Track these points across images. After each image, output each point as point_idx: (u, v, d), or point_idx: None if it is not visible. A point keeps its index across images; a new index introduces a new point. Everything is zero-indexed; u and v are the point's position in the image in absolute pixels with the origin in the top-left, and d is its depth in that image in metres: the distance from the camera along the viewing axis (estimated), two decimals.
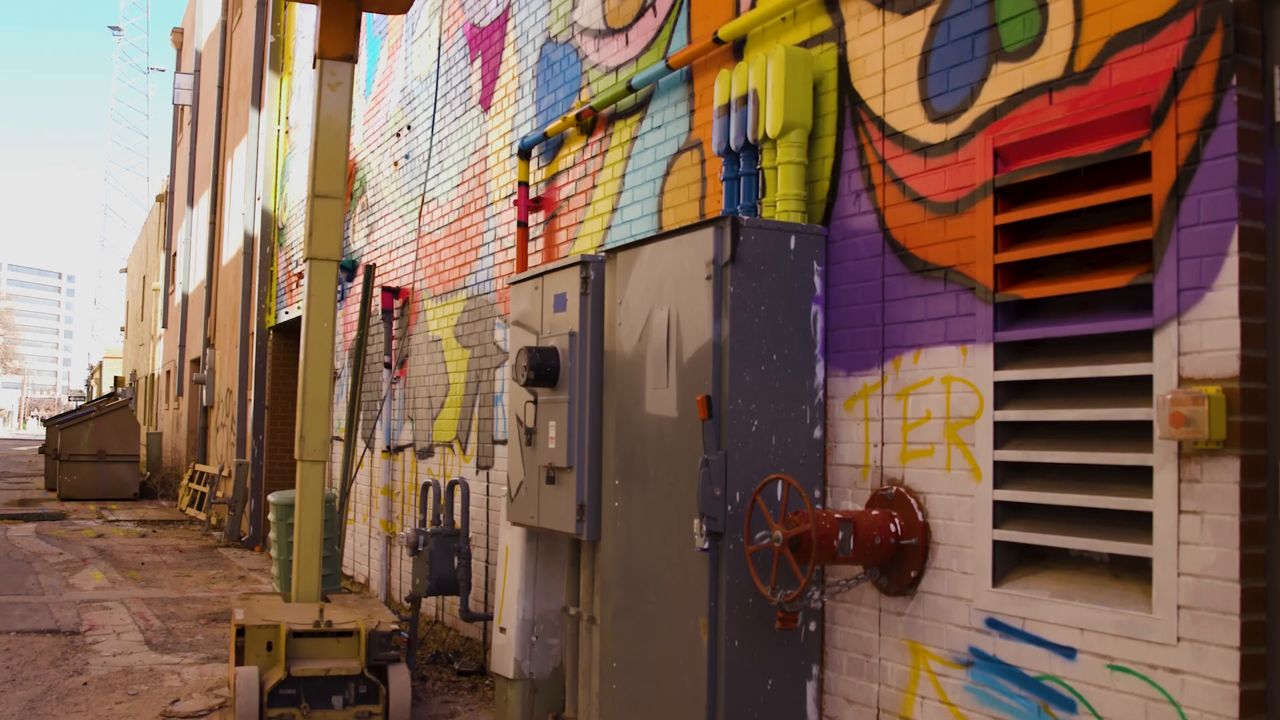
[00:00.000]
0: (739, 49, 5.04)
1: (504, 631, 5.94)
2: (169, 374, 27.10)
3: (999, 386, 3.61)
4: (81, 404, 39.29)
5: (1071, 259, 3.47)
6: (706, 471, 4.11)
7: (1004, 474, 3.60)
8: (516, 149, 7.20)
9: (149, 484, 22.89)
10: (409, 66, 9.88)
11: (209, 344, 19.84)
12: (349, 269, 11.04)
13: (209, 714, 6.26)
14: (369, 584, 10.03)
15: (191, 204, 24.11)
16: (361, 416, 10.25)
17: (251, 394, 14.84)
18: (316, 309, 6.77)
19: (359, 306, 10.16)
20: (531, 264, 7.03)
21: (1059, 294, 3.44)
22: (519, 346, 5.61)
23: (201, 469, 18.52)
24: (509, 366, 5.87)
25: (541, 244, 6.94)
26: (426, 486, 7.39)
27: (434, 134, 8.98)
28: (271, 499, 8.71)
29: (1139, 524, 3.18)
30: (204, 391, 19.52)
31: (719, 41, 5.06)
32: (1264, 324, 2.94)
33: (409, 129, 9.72)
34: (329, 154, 6.82)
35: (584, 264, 5.15)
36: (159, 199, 31.61)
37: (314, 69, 7.02)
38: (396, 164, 10.02)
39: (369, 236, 10.74)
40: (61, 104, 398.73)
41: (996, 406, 3.60)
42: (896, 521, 3.91)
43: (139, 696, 6.58)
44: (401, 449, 9.36)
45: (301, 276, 12.63)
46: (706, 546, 4.12)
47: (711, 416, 4.13)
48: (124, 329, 45.18)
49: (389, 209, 10.17)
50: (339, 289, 11.19)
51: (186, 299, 23.41)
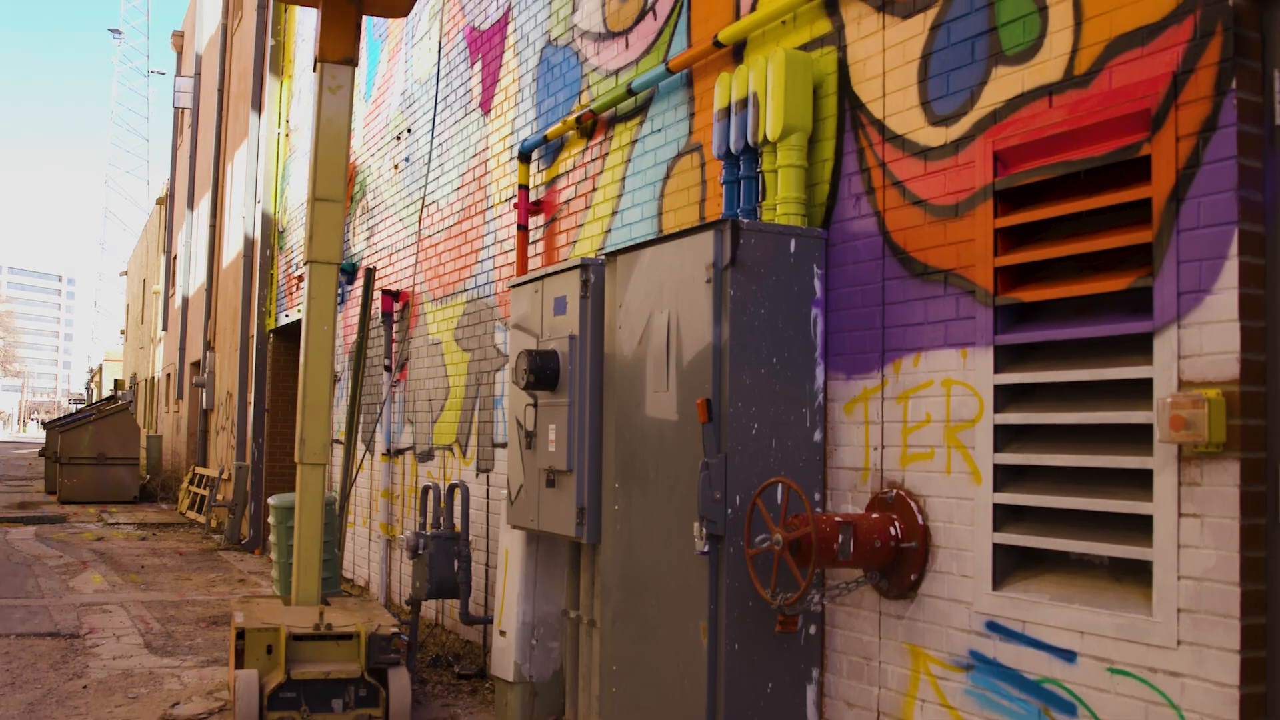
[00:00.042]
0: (739, 52, 5.05)
1: (504, 634, 5.94)
2: (169, 377, 27.10)
3: (999, 390, 3.61)
4: (81, 407, 39.27)
5: (1071, 262, 3.47)
6: (706, 475, 4.11)
7: (1004, 477, 3.60)
8: (516, 152, 7.21)
9: (149, 487, 22.89)
10: (409, 70, 9.89)
11: (209, 347, 19.84)
12: (349, 272, 11.05)
13: (209, 717, 6.25)
14: (369, 587, 10.02)
15: (192, 207, 24.12)
16: (361, 419, 10.25)
17: (251, 397, 14.84)
18: (317, 312, 6.77)
19: (359, 309, 10.16)
20: (531, 267, 7.04)
21: (1059, 297, 3.44)
22: (519, 349, 5.62)
23: (201, 472, 18.51)
24: (509, 369, 5.87)
25: (541, 247, 6.94)
26: (426, 489, 7.39)
27: (434, 137, 8.99)
28: (271, 502, 8.71)
29: (1139, 527, 3.18)
30: (204, 394, 19.53)
31: (719, 45, 5.06)
32: (1264, 327, 2.94)
33: (409, 132, 9.73)
34: (329, 157, 6.83)
35: (584, 267, 5.15)
36: (159, 202, 31.63)
37: (314, 72, 7.03)
38: (397, 167, 10.03)
39: (369, 240, 10.74)
40: (62, 107, 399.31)
41: (996, 410, 3.60)
42: (896, 525, 3.91)
43: (139, 700, 6.58)
44: (401, 452, 9.36)
45: (301, 280, 12.63)
46: (706, 550, 4.12)
47: (711, 420, 4.13)
48: (124, 332, 45.20)
49: (389, 212, 10.17)
50: (339, 292, 11.20)
51: (187, 302, 23.42)
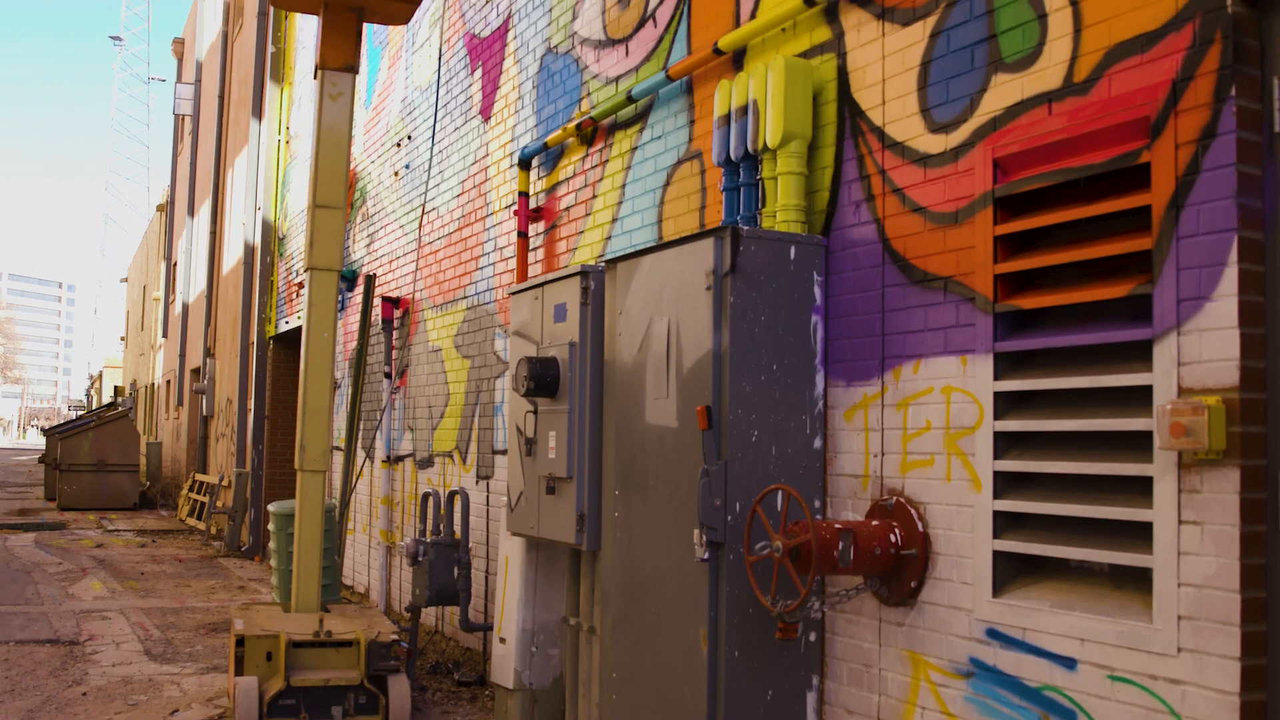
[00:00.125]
0: (739, 60, 5.06)
1: (504, 642, 5.93)
2: (169, 383, 27.10)
3: (999, 397, 3.61)
4: (81, 413, 39.28)
5: (1071, 269, 3.47)
6: (706, 481, 4.11)
7: (1004, 484, 3.60)
8: (517, 159, 7.22)
9: (149, 494, 22.88)
10: (409, 77, 9.90)
11: (209, 353, 19.84)
12: (349, 279, 11.06)
13: None
14: (369, 594, 10.01)
15: (192, 214, 24.14)
16: (361, 426, 10.25)
17: (251, 404, 14.84)
18: (317, 319, 6.78)
19: (359, 316, 10.17)
20: (531, 274, 7.04)
21: (1059, 304, 3.44)
22: (519, 356, 5.62)
23: (201, 479, 18.50)
24: (509, 376, 5.87)
25: (542, 254, 6.95)
26: (426, 496, 7.39)
27: (434, 144, 9.00)
28: (271, 509, 8.71)
29: (1139, 534, 3.17)
30: (204, 401, 19.52)
31: (719, 52, 5.07)
32: (1263, 334, 2.94)
33: (409, 139, 9.74)
34: (330, 164, 6.83)
35: (584, 274, 5.16)
36: (159, 209, 31.64)
37: (315, 79, 7.04)
38: (397, 174, 10.04)
39: (369, 246, 10.75)
40: (62, 114, 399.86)
41: (996, 417, 3.60)
42: (896, 532, 3.91)
43: (138, 707, 6.57)
44: (401, 459, 9.36)
45: (302, 286, 12.63)
46: (706, 557, 4.11)
47: (711, 426, 4.13)
48: (124, 338, 45.21)
49: (389, 219, 10.18)
50: (339, 299, 11.20)
51: (187, 308, 23.43)
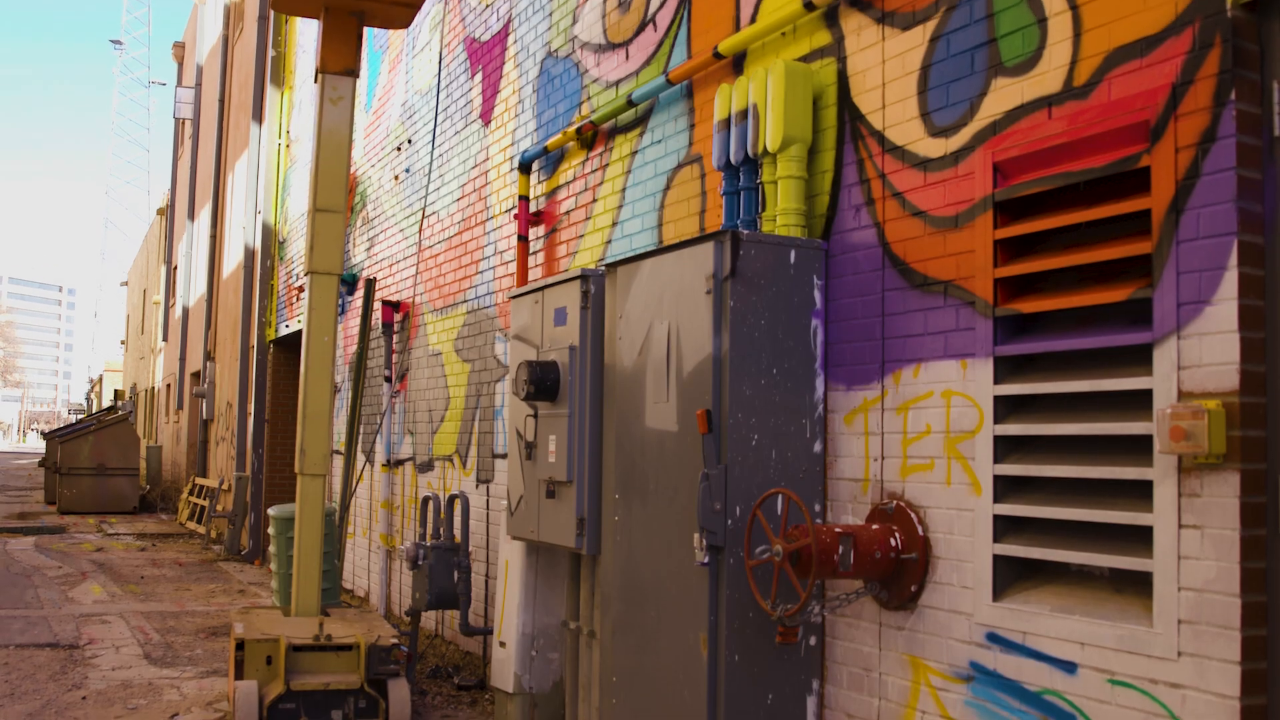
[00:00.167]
0: (739, 64, 5.06)
1: (504, 646, 5.93)
2: (169, 387, 27.09)
3: (999, 401, 3.61)
4: (81, 417, 39.27)
5: (1071, 273, 3.47)
6: (706, 485, 4.11)
7: (1004, 488, 3.60)
8: (517, 163, 7.22)
9: (149, 497, 22.87)
10: (410, 81, 9.91)
11: (209, 357, 19.84)
12: (349, 283, 11.06)
13: None
14: (369, 598, 10.01)
15: (192, 217, 24.15)
16: (361, 430, 10.25)
17: (251, 407, 14.84)
18: (317, 323, 6.78)
19: (359, 320, 10.17)
20: (532, 278, 7.04)
21: (1058, 308, 3.44)
22: (519, 360, 5.62)
23: (201, 482, 18.50)
24: (509, 380, 5.87)
25: (542, 258, 6.95)
26: (426, 500, 7.39)
27: (434, 148, 9.01)
28: (271, 513, 8.71)
29: (1139, 538, 3.17)
30: (204, 405, 19.52)
31: (719, 56, 5.08)
32: (1263, 338, 2.94)
33: (410, 143, 9.74)
34: (330, 168, 6.84)
35: (584, 278, 5.16)
36: (160, 212, 31.67)
37: (315, 83, 7.04)
38: (397, 178, 10.05)
39: (369, 250, 10.76)
40: (62, 117, 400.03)
41: (996, 421, 3.60)
42: (897, 536, 3.91)
43: (138, 710, 6.57)
44: (401, 463, 9.36)
45: (302, 290, 12.64)
46: (706, 561, 4.11)
47: (711, 430, 4.13)
48: (124, 342, 45.21)
49: (389, 223, 10.19)
50: (339, 303, 11.19)
51: (187, 312, 23.43)
